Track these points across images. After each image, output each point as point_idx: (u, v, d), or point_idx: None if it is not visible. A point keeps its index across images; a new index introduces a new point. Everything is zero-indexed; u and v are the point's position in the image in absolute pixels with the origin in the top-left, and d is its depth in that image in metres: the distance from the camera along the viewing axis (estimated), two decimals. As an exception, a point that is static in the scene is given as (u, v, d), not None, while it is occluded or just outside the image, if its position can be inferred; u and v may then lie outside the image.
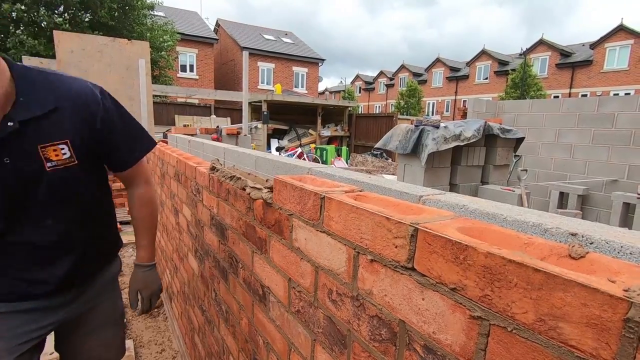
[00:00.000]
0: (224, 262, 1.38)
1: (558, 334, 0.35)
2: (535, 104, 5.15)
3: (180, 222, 2.15)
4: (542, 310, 0.36)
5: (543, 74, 26.19)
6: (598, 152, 4.48)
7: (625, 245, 0.47)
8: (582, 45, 27.34)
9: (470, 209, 0.69)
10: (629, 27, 23.09)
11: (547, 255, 0.42)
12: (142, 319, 2.98)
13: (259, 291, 1.07)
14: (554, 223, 0.57)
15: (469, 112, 5.36)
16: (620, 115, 4.29)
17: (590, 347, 0.32)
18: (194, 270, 1.86)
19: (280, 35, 27.10)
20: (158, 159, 2.87)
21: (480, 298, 0.42)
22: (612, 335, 0.31)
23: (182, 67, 21.13)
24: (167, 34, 14.64)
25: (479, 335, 0.43)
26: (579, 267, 0.39)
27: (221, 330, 1.47)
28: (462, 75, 32.80)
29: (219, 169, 1.40)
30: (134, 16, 12.78)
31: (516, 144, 3.89)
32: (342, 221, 0.66)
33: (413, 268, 0.52)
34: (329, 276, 0.72)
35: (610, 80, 23.76)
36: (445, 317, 0.47)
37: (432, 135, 3.25)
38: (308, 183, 0.86)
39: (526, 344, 0.38)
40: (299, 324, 0.84)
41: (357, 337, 0.64)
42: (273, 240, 0.95)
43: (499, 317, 0.40)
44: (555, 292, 0.35)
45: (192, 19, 23.63)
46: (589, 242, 0.51)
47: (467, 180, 3.59)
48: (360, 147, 13.79)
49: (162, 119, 11.83)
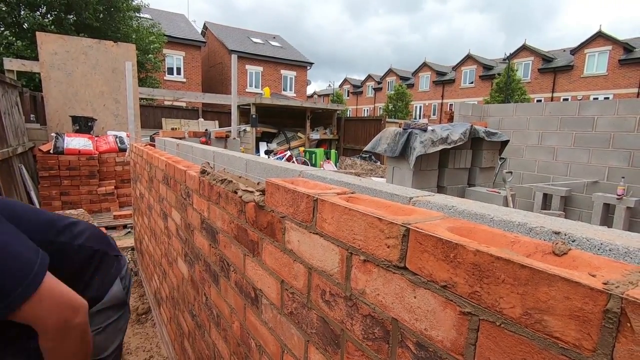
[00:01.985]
0: (215, 265, 1.37)
1: (543, 327, 0.37)
2: (519, 107, 5.28)
3: (169, 226, 2.13)
4: (528, 304, 0.38)
5: (526, 79, 26.85)
6: (579, 155, 4.62)
7: (605, 243, 0.50)
8: (563, 51, 28.16)
9: (459, 209, 0.71)
10: (607, 34, 23.90)
11: (533, 253, 0.45)
12: (130, 325, 2.93)
13: (251, 294, 1.07)
14: (538, 222, 0.60)
15: (456, 115, 5.46)
16: (599, 119, 4.43)
17: (573, 338, 0.34)
18: (184, 274, 1.84)
19: (268, 39, 27.10)
20: (146, 163, 2.83)
21: (469, 294, 0.44)
22: (593, 326, 0.33)
23: (169, 70, 20.91)
24: (154, 36, 14.48)
25: (469, 330, 0.44)
26: (562, 263, 0.41)
27: (212, 334, 1.46)
28: (448, 80, 33.35)
29: (210, 173, 1.40)
30: (120, 18, 12.61)
31: (501, 147, 3.98)
32: (335, 223, 0.68)
33: (405, 267, 0.53)
34: (322, 277, 0.73)
35: (590, 84, 24.52)
36: (437, 314, 0.48)
37: (420, 138, 3.30)
38: (300, 186, 0.87)
39: (514, 337, 0.39)
40: (292, 325, 0.85)
41: (350, 336, 0.65)
42: (265, 243, 0.96)
43: (488, 312, 0.42)
44: (541, 287, 0.37)
45: (179, 22, 23.43)
46: (572, 239, 0.53)
47: (454, 183, 3.65)
48: (349, 150, 13.86)
49: (149, 122, 11.68)
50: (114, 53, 8.32)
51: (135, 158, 3.61)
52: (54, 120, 7.70)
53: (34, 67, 8.30)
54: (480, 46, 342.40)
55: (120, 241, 4.95)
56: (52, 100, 7.71)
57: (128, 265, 1.49)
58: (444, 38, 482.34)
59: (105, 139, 6.74)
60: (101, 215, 6.07)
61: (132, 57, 8.41)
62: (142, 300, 3.33)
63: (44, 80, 7.65)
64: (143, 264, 3.51)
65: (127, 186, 6.49)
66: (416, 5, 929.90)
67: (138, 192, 3.46)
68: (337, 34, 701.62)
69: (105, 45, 8.31)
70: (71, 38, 8.17)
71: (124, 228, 5.55)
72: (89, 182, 6.14)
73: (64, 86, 7.81)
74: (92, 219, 5.17)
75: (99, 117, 7.95)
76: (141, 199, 3.25)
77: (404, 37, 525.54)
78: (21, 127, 6.31)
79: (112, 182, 6.45)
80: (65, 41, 7.92)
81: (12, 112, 5.80)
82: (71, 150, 6.03)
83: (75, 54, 7.92)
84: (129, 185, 6.31)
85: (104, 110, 8.23)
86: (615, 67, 23.35)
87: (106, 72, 8.26)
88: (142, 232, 3.41)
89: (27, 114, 7.72)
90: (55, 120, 7.71)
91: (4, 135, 5.10)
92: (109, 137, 6.83)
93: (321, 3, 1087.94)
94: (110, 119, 8.29)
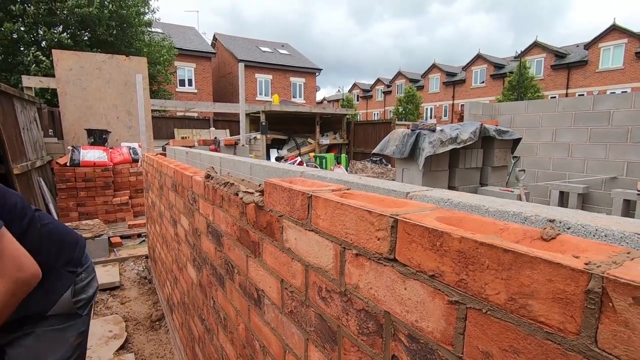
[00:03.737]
0: (220, 268, 1.38)
1: (528, 312, 0.35)
2: (531, 104, 5.18)
3: (178, 233, 2.16)
4: (512, 289, 0.37)
5: (539, 76, 26.35)
6: (596, 150, 4.49)
7: (600, 228, 0.48)
8: (576, 46, 27.55)
9: (455, 202, 0.70)
10: (622, 27, 23.30)
11: (521, 239, 0.43)
12: (144, 332, 2.97)
13: (254, 295, 1.07)
14: (534, 212, 0.58)
15: (466, 114, 5.39)
16: (615, 112, 4.31)
17: (557, 321, 0.33)
18: (193, 279, 1.86)
19: (277, 47, 27.40)
20: (156, 171, 2.89)
21: (456, 283, 0.43)
22: (575, 308, 0.32)
23: (181, 82, 21.34)
24: (165, 49, 14.83)
25: (457, 319, 0.43)
26: (550, 248, 0.40)
27: (220, 338, 1.47)
28: (458, 80, 33.01)
29: (214, 177, 1.42)
30: (132, 33, 12.98)
31: (513, 145, 3.90)
32: (329, 218, 0.67)
33: (395, 259, 0.53)
34: (319, 274, 0.72)
35: (606, 79, 23.89)
36: (426, 304, 0.47)
37: (428, 138, 3.27)
38: (297, 184, 0.87)
39: (500, 324, 0.38)
40: (293, 324, 0.85)
41: (346, 332, 0.65)
42: (265, 243, 0.96)
43: (474, 299, 0.41)
44: (523, 270, 0.36)
45: (190, 34, 23.94)
46: (566, 227, 0.52)
47: (465, 183, 3.59)
48: (359, 154, 13.82)
49: (162, 133, 11.92)
50: (127, 67, 8.55)
51: (147, 167, 3.69)
52: (70, 134, 7.94)
53: (51, 83, 8.60)
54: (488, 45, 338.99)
55: (135, 250, 5.04)
56: (68, 115, 7.96)
57: (93, 279, 1.46)
58: (452, 39, 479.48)
59: (119, 150, 6.90)
60: (116, 225, 6.20)
61: (144, 70, 8.62)
62: (155, 307, 3.37)
63: (61, 95, 7.91)
64: (156, 271, 3.56)
65: (140, 196, 6.62)
66: (421, 8, 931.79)
67: (150, 201, 3.52)
68: (343, 39, 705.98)
69: (118, 59, 8.54)
70: (85, 54, 8.44)
71: (139, 237, 5.65)
72: (104, 193, 6.29)
73: (79, 100, 8.05)
74: (107, 229, 5.28)
75: (112, 129, 8.16)
76: (153, 207, 3.30)
77: (411, 39, 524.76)
78: (39, 142, 6.52)
79: (127, 192, 6.59)
80: (80, 57, 8.18)
81: (30, 128, 6.00)
82: (87, 162, 6.20)
83: (89, 69, 8.17)
84: (142, 195, 6.44)
85: (118, 123, 8.44)
86: (632, 60, 22.71)
87: (119, 85, 8.48)
88: (154, 240, 3.46)
89: (45, 128, 7.99)
90: (72, 133, 7.95)
91: (23, 149, 5.29)
92: (122, 148, 6.99)
93: (326, 10, 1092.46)
94: (124, 130, 8.49)
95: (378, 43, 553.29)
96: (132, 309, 3.38)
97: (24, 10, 10.88)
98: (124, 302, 3.50)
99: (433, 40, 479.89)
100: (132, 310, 3.35)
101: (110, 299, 3.57)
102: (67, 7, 10.99)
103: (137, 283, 3.96)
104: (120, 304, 3.47)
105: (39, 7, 10.91)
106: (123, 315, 3.21)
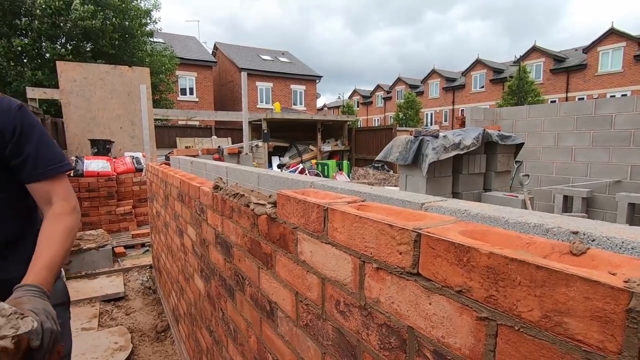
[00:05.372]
0: (230, 280, 1.38)
1: (564, 330, 0.35)
2: (532, 109, 5.20)
3: (185, 243, 2.15)
4: (546, 306, 0.36)
5: (538, 80, 26.45)
6: (599, 154, 4.49)
7: (627, 241, 0.48)
8: (574, 50, 27.69)
9: (472, 213, 0.70)
10: (620, 30, 23.43)
11: (549, 253, 0.43)
12: (149, 343, 2.95)
13: (266, 307, 1.07)
14: (555, 223, 0.58)
15: (468, 120, 5.40)
16: (617, 116, 4.31)
17: (596, 340, 0.33)
18: (200, 290, 1.85)
19: (277, 55, 27.62)
20: (161, 181, 2.89)
21: (485, 299, 0.43)
22: (616, 327, 0.31)
23: (182, 91, 21.49)
24: (167, 59, 14.96)
25: (487, 336, 0.43)
26: (581, 263, 0.40)
27: (230, 350, 1.46)
28: (458, 85, 33.15)
29: (222, 188, 1.42)
30: (134, 43, 13.10)
31: (516, 150, 3.91)
32: (346, 231, 0.67)
33: (418, 273, 0.52)
34: (336, 287, 0.72)
35: (605, 82, 23.96)
36: (453, 320, 0.47)
37: (431, 145, 3.27)
38: (311, 196, 0.87)
39: (534, 341, 0.38)
40: (308, 337, 0.84)
41: (366, 347, 0.64)
42: (278, 255, 0.95)
43: (506, 316, 0.41)
44: (558, 288, 0.35)
45: (191, 44, 24.17)
46: (591, 239, 0.51)
47: (469, 188, 3.59)
48: (361, 160, 13.84)
49: (164, 142, 11.97)
50: (129, 77, 8.62)
51: (151, 177, 3.69)
52: (74, 144, 7.98)
53: (55, 95, 8.67)
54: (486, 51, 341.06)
55: (139, 259, 5.03)
56: (72, 125, 8.01)
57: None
58: (449, 45, 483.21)
59: (123, 160, 6.92)
60: (120, 234, 6.19)
61: (147, 80, 8.69)
62: (160, 317, 3.35)
63: (64, 106, 7.96)
64: (161, 281, 3.54)
65: (144, 205, 6.62)
66: (415, 17, 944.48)
67: (155, 211, 3.52)
68: (342, 47, 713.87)
69: (120, 70, 8.62)
70: (89, 65, 8.52)
71: (142, 246, 5.64)
72: (108, 203, 6.29)
73: (83, 111, 8.10)
74: (111, 239, 5.27)
75: (116, 139, 8.20)
76: (157, 217, 3.30)
77: (409, 46, 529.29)
78: (43, 152, 6.54)
79: (130, 202, 6.59)
80: (83, 68, 8.26)
81: (34, 139, 6.03)
82: (90, 172, 6.22)
83: (92, 79, 8.24)
84: (146, 204, 6.44)
85: (121, 133, 8.48)
86: (631, 63, 22.80)
87: (122, 95, 8.55)
88: (159, 250, 3.45)
89: (48, 139, 8.02)
90: (75, 144, 7.99)
91: (27, 160, 5.30)
92: (126, 158, 7.02)
93: (323, 19, 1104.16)
94: (127, 140, 8.53)
95: (376, 50, 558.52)
96: (137, 319, 3.36)
97: (29, 24, 11.02)
98: (128, 313, 3.48)
99: (430, 47, 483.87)
100: (137, 321, 3.33)
101: (115, 310, 3.55)
102: (71, 20, 11.13)
103: (141, 293, 3.94)
104: (125, 315, 3.45)
105: (43, 21, 11.05)
106: (128, 327, 3.19)
